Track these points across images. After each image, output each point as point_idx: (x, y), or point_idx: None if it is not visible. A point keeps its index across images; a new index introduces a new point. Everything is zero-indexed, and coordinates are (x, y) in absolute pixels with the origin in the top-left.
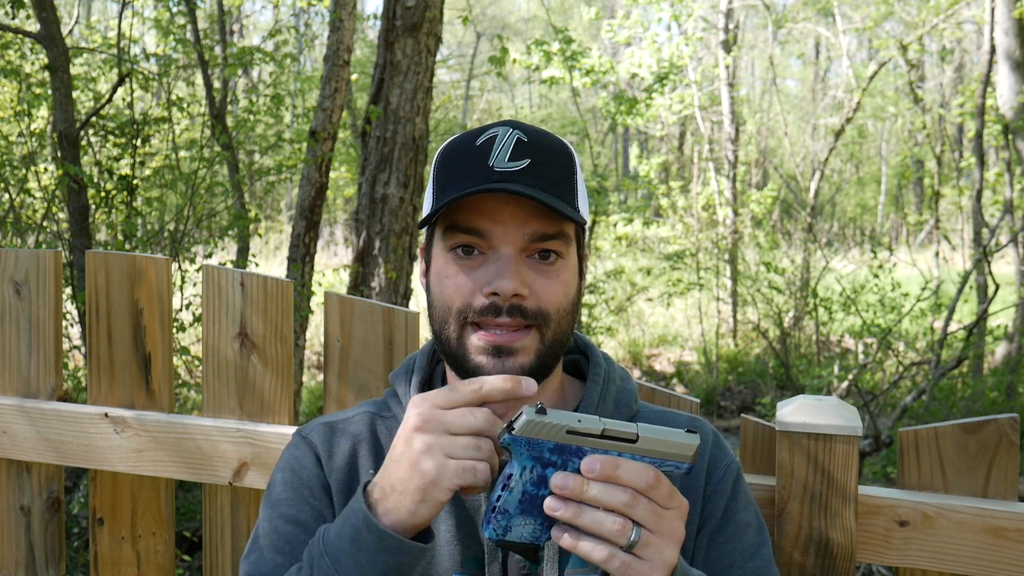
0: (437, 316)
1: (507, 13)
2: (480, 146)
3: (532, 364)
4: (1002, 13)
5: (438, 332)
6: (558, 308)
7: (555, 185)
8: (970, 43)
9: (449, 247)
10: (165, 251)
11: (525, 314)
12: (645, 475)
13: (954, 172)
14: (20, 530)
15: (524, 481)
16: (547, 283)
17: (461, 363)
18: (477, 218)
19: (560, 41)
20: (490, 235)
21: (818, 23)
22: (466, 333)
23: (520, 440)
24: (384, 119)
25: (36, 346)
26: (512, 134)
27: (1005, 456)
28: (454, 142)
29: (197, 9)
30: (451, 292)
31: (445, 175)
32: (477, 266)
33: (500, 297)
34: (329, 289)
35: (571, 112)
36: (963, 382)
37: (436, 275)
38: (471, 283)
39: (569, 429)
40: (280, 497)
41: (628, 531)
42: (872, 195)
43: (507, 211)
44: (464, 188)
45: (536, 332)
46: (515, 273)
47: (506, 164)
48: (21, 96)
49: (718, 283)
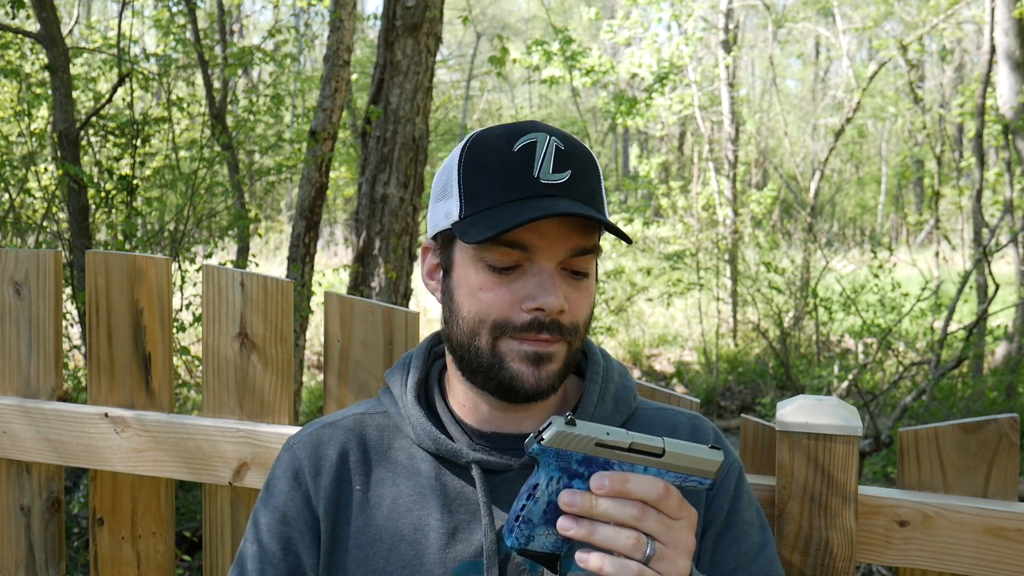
0: (466, 328)
1: (507, 13)
2: (519, 152)
3: (560, 371)
4: (1002, 13)
5: (465, 343)
6: (585, 320)
7: (592, 196)
8: (970, 43)
9: (484, 258)
10: (165, 251)
11: (563, 330)
12: (655, 487)
13: (954, 172)
14: (20, 530)
15: (550, 492)
16: (579, 297)
17: (494, 373)
18: (524, 232)
19: (560, 41)
20: (534, 249)
21: (818, 23)
22: (500, 343)
23: (549, 451)
24: (384, 119)
25: (36, 346)
26: (551, 141)
27: (1005, 456)
28: (483, 142)
29: (197, 9)
30: (486, 305)
31: (478, 180)
32: (515, 279)
33: (544, 313)
34: (329, 289)
35: (571, 112)
36: (963, 382)
37: (465, 284)
38: (510, 296)
39: (598, 442)
40: (259, 519)
41: (643, 545)
42: (872, 195)
43: (552, 225)
44: (508, 198)
45: (565, 343)
46: (558, 289)
47: (551, 176)
48: (21, 96)
49: (718, 283)
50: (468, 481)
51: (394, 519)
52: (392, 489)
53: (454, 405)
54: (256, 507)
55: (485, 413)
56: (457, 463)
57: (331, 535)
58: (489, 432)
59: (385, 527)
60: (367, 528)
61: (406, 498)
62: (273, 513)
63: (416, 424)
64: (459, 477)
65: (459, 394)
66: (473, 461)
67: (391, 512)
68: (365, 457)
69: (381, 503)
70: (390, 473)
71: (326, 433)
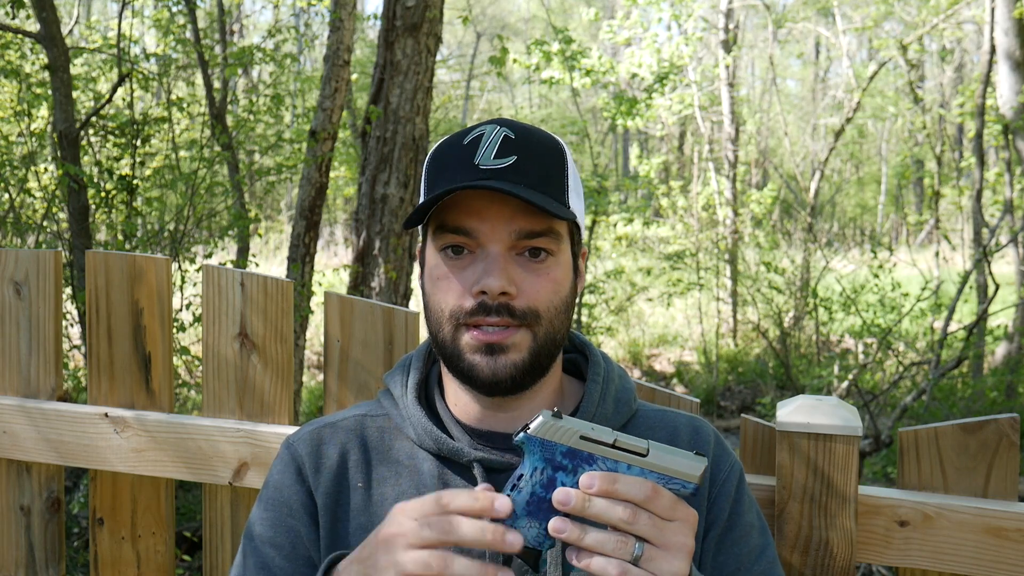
0: (432, 318)
1: (507, 13)
2: (467, 144)
3: (526, 361)
4: (1002, 13)
5: (434, 334)
6: (548, 306)
7: (544, 182)
8: (970, 43)
9: (439, 247)
10: (165, 251)
11: (513, 313)
12: (643, 488)
13: (954, 172)
14: (20, 530)
15: (534, 483)
16: (536, 281)
17: (456, 363)
18: (464, 217)
19: (560, 41)
20: (477, 233)
21: (818, 23)
22: (459, 334)
23: (534, 440)
24: (384, 119)
25: (36, 346)
26: (499, 131)
27: (1005, 456)
28: (444, 141)
29: (197, 9)
30: (442, 294)
31: (433, 174)
32: (466, 266)
33: (488, 296)
34: (329, 289)
35: (571, 112)
36: (963, 382)
37: (429, 276)
38: (460, 284)
39: (583, 435)
40: (262, 515)
41: (630, 547)
42: (872, 195)
43: (493, 209)
44: (451, 187)
45: (527, 330)
46: (502, 271)
47: (491, 162)
48: (21, 96)
49: (718, 283)
50: (470, 480)
51: None
52: (394, 488)
53: (451, 405)
54: (257, 504)
55: (477, 412)
56: (459, 462)
57: (331, 531)
58: (486, 431)
59: None
60: (369, 526)
61: (408, 497)
62: (277, 507)
63: (417, 424)
64: (461, 476)
65: (452, 394)
66: (475, 460)
67: None
68: (366, 457)
69: (384, 502)
70: (392, 473)
71: (326, 432)
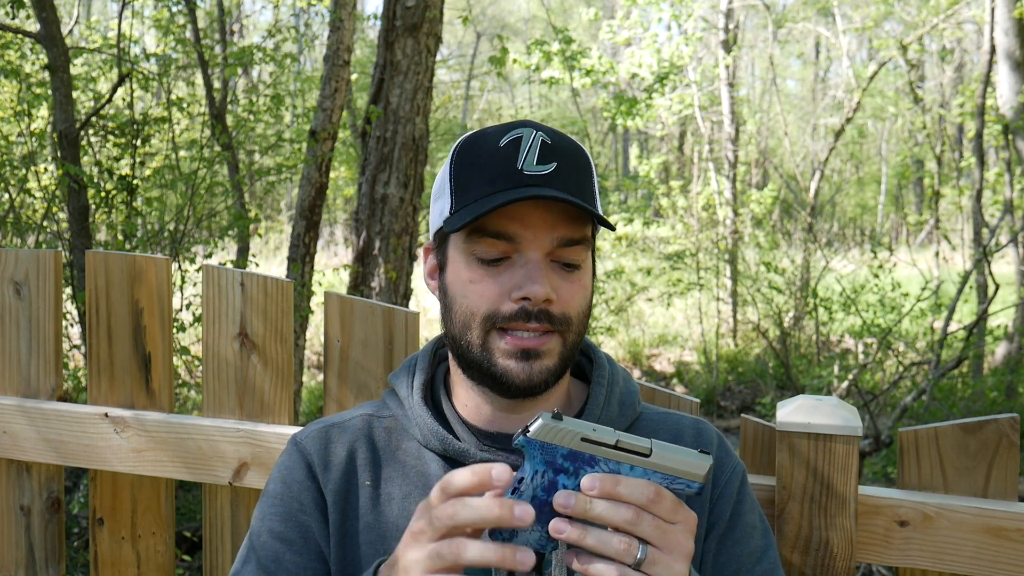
0: (458, 321)
1: (507, 13)
2: (505, 148)
3: (556, 367)
4: (1002, 13)
5: (457, 337)
6: (579, 312)
7: (580, 189)
8: (970, 43)
9: (473, 251)
10: (165, 251)
11: (552, 320)
12: (646, 490)
13: (954, 172)
14: (20, 530)
15: (535, 486)
16: (571, 288)
17: (485, 368)
18: (507, 222)
19: (560, 41)
20: (519, 239)
21: (818, 23)
22: (491, 338)
23: (534, 443)
24: (384, 119)
25: (36, 346)
26: (537, 136)
27: (1005, 456)
28: (474, 141)
29: (197, 9)
30: (476, 298)
31: (467, 175)
32: (503, 271)
33: (531, 302)
34: (329, 289)
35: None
36: (963, 382)
37: (457, 279)
38: (498, 287)
39: (584, 437)
40: (270, 511)
41: (634, 550)
42: (872, 195)
43: (536, 215)
44: (493, 190)
45: (559, 336)
46: (545, 279)
47: (535, 168)
48: (21, 96)
49: (718, 283)
50: None
51: (404, 517)
52: (402, 488)
53: (459, 406)
54: (262, 502)
55: (488, 414)
56: (465, 463)
57: (340, 528)
58: (494, 432)
59: (396, 525)
60: (377, 525)
61: (416, 497)
62: (287, 503)
63: (423, 425)
64: None
65: (462, 395)
66: (481, 461)
67: (401, 511)
68: (374, 456)
69: (391, 501)
70: (399, 473)
71: (334, 432)
